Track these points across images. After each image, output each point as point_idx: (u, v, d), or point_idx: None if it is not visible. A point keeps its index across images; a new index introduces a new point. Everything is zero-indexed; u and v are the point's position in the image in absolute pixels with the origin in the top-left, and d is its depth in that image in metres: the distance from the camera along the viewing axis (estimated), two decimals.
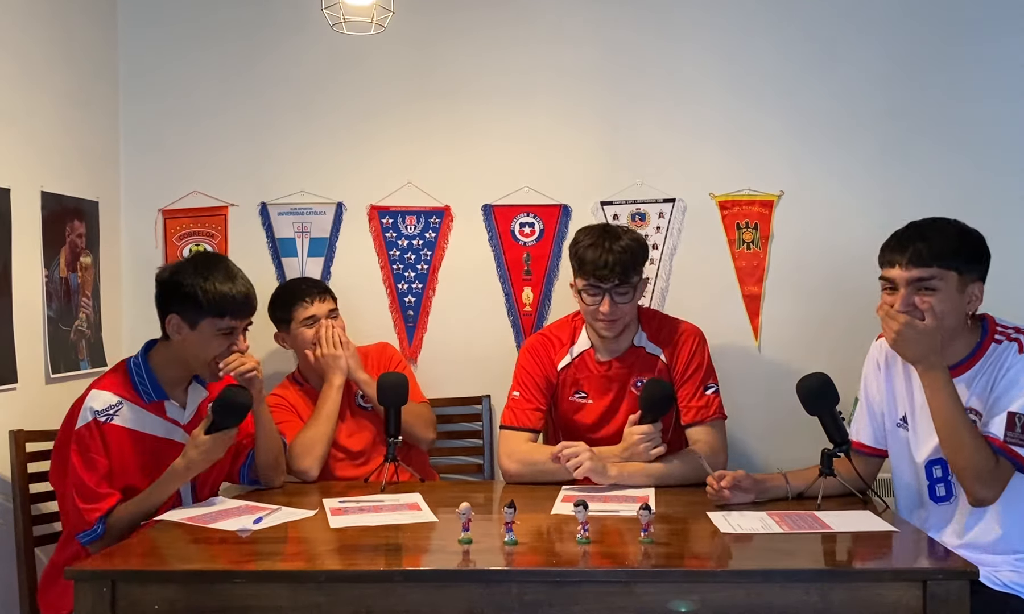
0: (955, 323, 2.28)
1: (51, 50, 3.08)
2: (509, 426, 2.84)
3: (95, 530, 2.38)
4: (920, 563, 2.05)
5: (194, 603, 1.97)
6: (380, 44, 3.29)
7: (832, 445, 2.47)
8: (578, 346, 2.88)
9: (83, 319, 3.18)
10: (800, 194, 3.38)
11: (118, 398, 2.48)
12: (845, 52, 3.36)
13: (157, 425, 2.54)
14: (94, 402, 2.46)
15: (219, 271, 2.52)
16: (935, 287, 2.24)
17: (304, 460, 2.85)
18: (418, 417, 3.03)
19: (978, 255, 2.31)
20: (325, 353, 2.99)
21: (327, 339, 3.00)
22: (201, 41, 3.49)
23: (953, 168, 3.31)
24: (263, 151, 3.49)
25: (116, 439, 2.46)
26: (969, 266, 2.27)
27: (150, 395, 2.54)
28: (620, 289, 2.70)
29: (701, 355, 2.83)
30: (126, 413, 2.48)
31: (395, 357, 3.21)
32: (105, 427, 2.44)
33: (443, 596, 1.96)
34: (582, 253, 2.72)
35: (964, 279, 2.26)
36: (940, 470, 2.34)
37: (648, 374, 2.82)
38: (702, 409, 2.77)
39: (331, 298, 3.11)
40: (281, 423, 2.92)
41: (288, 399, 3.05)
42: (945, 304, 2.24)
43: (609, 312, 2.71)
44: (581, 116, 3.43)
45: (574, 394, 2.88)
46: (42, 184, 2.98)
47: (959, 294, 2.26)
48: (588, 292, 2.73)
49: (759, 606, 1.92)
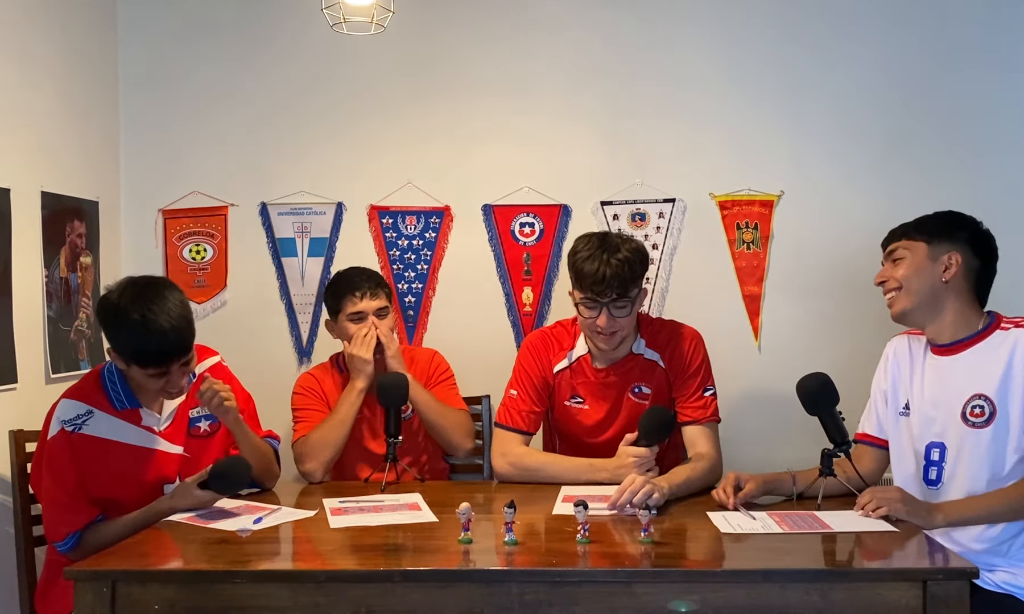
0: (927, 287, 2.40)
1: (51, 50, 3.08)
2: (504, 425, 2.85)
3: (66, 544, 2.38)
4: (920, 563, 2.04)
5: (194, 603, 1.97)
6: (380, 44, 3.29)
7: (832, 445, 2.47)
8: (576, 351, 2.86)
9: (83, 319, 3.18)
10: (800, 194, 3.38)
11: (87, 407, 2.42)
12: (845, 52, 3.36)
13: (131, 433, 2.47)
14: (62, 412, 2.41)
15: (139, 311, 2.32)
16: (901, 256, 2.45)
17: (308, 462, 2.83)
18: (458, 425, 2.97)
19: (948, 227, 2.45)
20: (353, 354, 2.89)
21: (360, 338, 2.90)
22: (201, 41, 3.49)
23: (953, 168, 3.32)
24: (263, 151, 3.49)
25: (86, 449, 2.40)
26: (938, 236, 2.43)
27: (123, 403, 2.47)
28: (618, 303, 2.66)
29: (699, 357, 2.82)
30: (96, 422, 2.42)
31: (441, 366, 3.10)
32: (74, 438, 2.39)
33: (443, 596, 1.96)
34: (580, 265, 2.67)
35: (935, 249, 2.42)
36: (938, 454, 2.39)
37: (646, 380, 2.81)
38: (699, 409, 2.77)
39: (384, 295, 2.99)
40: (302, 410, 2.92)
41: (321, 385, 2.99)
42: (910, 269, 2.43)
43: (607, 326, 2.68)
44: (581, 116, 3.43)
45: (570, 399, 2.87)
46: (42, 184, 2.98)
47: (929, 261, 2.41)
48: (586, 305, 2.69)
49: (759, 606, 1.92)
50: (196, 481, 2.41)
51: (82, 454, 2.40)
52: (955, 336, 2.40)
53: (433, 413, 2.94)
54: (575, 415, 2.86)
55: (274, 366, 3.46)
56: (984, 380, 2.33)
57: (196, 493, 2.40)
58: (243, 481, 2.48)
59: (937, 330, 2.42)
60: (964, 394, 2.34)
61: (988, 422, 2.30)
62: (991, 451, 2.30)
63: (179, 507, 2.41)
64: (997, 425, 2.29)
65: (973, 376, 2.35)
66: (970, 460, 2.32)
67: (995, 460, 2.30)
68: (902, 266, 2.43)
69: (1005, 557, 2.28)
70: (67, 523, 2.38)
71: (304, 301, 3.50)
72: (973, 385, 2.34)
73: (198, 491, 2.40)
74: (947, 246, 2.41)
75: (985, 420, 2.31)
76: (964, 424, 2.33)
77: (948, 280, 2.39)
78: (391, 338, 2.94)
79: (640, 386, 2.80)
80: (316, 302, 3.49)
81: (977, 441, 2.31)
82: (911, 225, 2.48)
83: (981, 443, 2.31)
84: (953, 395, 2.36)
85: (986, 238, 2.45)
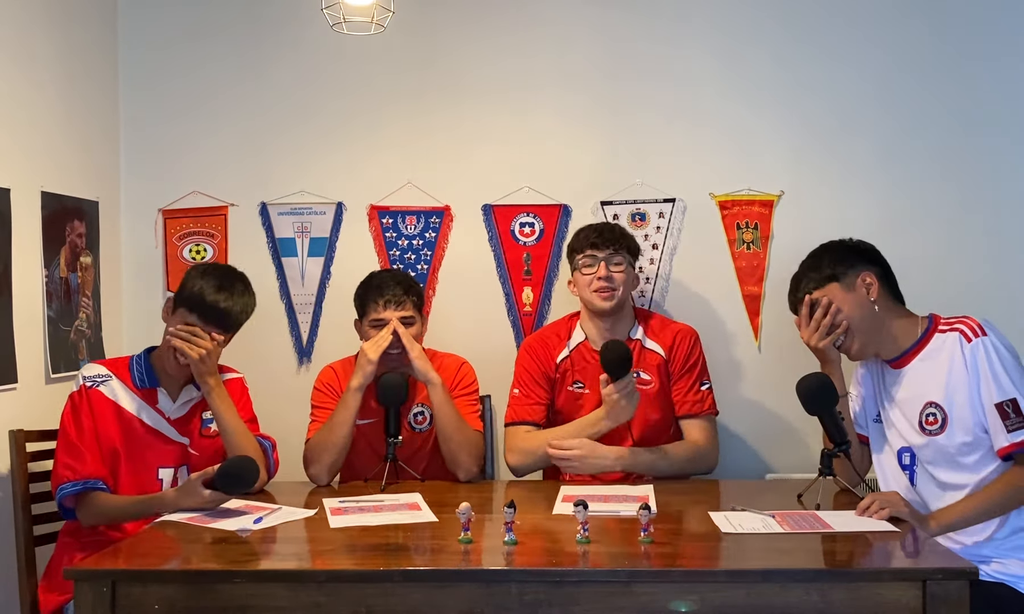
0: (869, 315, 2.45)
1: (52, 50, 3.08)
2: (511, 422, 2.95)
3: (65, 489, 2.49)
4: (920, 563, 2.04)
5: (194, 603, 1.97)
6: (380, 44, 3.29)
7: (832, 445, 2.48)
8: (574, 339, 2.98)
9: (83, 319, 3.18)
10: (800, 194, 3.38)
11: (108, 372, 2.65)
12: (845, 52, 3.35)
13: (144, 410, 2.64)
14: (86, 370, 2.65)
15: (215, 280, 2.64)
16: (829, 303, 2.48)
17: (312, 466, 2.83)
18: (467, 444, 2.85)
19: (837, 258, 2.50)
20: (362, 348, 2.87)
21: (374, 338, 2.86)
22: (201, 41, 3.49)
23: (952, 168, 3.31)
24: (263, 151, 3.49)
25: (100, 405, 2.59)
26: (838, 268, 2.49)
27: (143, 381, 2.66)
28: (615, 259, 2.89)
29: (696, 353, 2.96)
30: (113, 386, 2.63)
31: (467, 379, 3.01)
32: (91, 392, 2.60)
33: (443, 596, 1.96)
34: (579, 233, 2.99)
35: (845, 281, 2.48)
36: (908, 458, 2.45)
37: (646, 368, 2.91)
38: (697, 403, 2.90)
39: (412, 304, 2.92)
40: (316, 409, 2.93)
41: (340, 381, 2.94)
42: (845, 306, 2.46)
43: (605, 276, 2.85)
44: (581, 116, 3.43)
45: (572, 384, 2.95)
46: (42, 184, 2.98)
47: (851, 293, 2.47)
48: (586, 263, 2.90)
49: (759, 606, 1.92)
50: (201, 478, 2.42)
51: (96, 409, 2.58)
52: (902, 348, 2.46)
53: (449, 425, 2.83)
54: (577, 399, 2.94)
55: (274, 366, 3.46)
56: (933, 388, 2.39)
57: (202, 492, 2.41)
58: (250, 482, 2.49)
59: (886, 348, 2.48)
60: (918, 403, 2.41)
61: (942, 429, 2.36)
62: (951, 454, 2.36)
63: (183, 505, 2.42)
64: (951, 430, 2.35)
65: (923, 385, 2.41)
66: (936, 464, 2.39)
67: (958, 461, 2.35)
68: (836, 309, 2.47)
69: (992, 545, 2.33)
70: (72, 469, 2.52)
71: (304, 301, 3.50)
72: (925, 394, 2.40)
73: (203, 490, 2.41)
74: (850, 272, 2.48)
75: (939, 427, 2.37)
76: (922, 433, 2.39)
77: (875, 298, 2.45)
78: (413, 342, 2.86)
79: (640, 371, 2.89)
80: (316, 302, 3.49)
81: (937, 447, 2.37)
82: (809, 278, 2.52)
83: (940, 449, 2.37)
84: (909, 405, 2.43)
85: (861, 246, 2.53)
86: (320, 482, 2.83)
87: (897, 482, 2.48)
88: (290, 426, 3.05)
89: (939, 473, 2.39)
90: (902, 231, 3.24)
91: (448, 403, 2.85)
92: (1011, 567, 2.30)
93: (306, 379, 3.44)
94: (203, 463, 2.58)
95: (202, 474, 2.43)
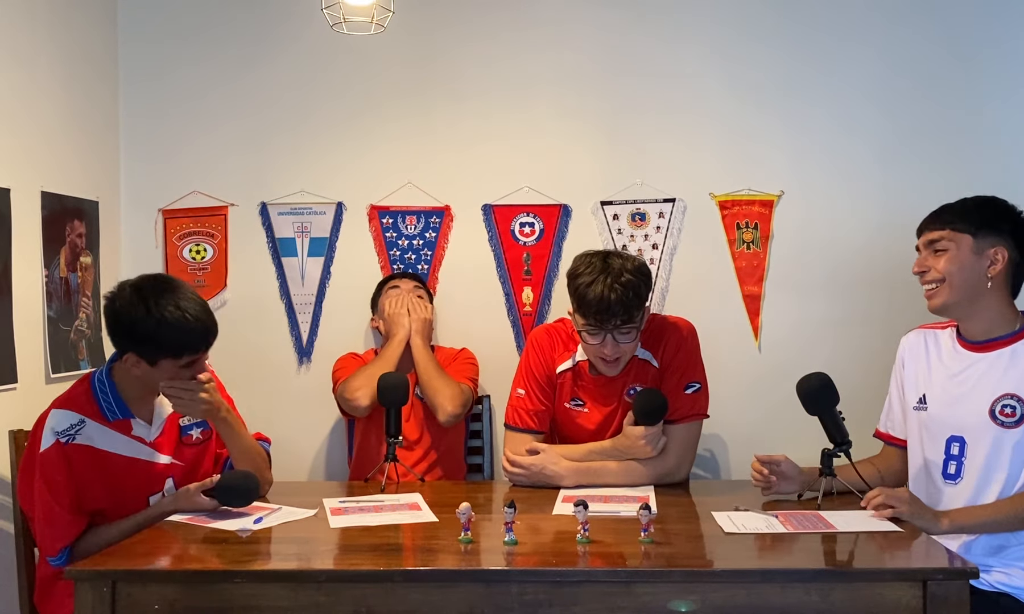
0: (970, 282, 2.34)
1: (52, 50, 3.07)
2: (513, 427, 2.82)
3: (61, 557, 2.36)
4: (920, 563, 2.04)
5: (194, 603, 1.97)
6: (380, 44, 3.29)
7: (832, 445, 2.47)
8: (579, 355, 2.83)
9: (83, 319, 3.18)
10: (800, 194, 3.38)
11: (79, 416, 2.39)
12: (844, 52, 3.36)
13: (121, 444, 2.44)
14: (55, 422, 2.36)
15: (170, 305, 2.33)
16: (945, 247, 2.37)
17: (358, 391, 2.97)
18: (446, 389, 3.05)
19: (994, 218, 2.37)
20: (389, 312, 3.15)
21: (394, 299, 3.18)
22: (201, 41, 3.49)
23: (952, 168, 3.31)
24: (263, 151, 3.49)
25: (80, 459, 2.37)
26: (985, 230, 2.35)
27: (114, 413, 2.44)
28: (623, 329, 2.59)
29: (687, 352, 2.76)
30: (89, 432, 2.39)
31: (466, 353, 3.26)
32: (68, 448, 2.35)
33: (443, 596, 1.96)
34: (582, 291, 2.56)
35: (980, 242, 2.34)
36: (958, 448, 2.37)
37: (641, 381, 2.79)
38: (679, 409, 2.72)
39: (422, 286, 3.31)
40: (343, 370, 3.12)
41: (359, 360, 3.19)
42: (954, 264, 2.34)
43: (611, 353, 2.63)
44: (581, 116, 3.43)
45: (571, 401, 2.85)
46: (42, 184, 2.98)
47: (974, 255, 2.34)
48: (589, 332, 2.62)
49: (759, 606, 1.92)
50: (200, 488, 2.40)
51: (77, 465, 2.36)
52: (989, 333, 2.37)
53: (428, 374, 3.07)
54: (575, 418, 2.85)
55: (274, 366, 3.46)
56: (1017, 381, 2.30)
57: (199, 499, 2.39)
58: (251, 496, 2.46)
59: (973, 325, 2.39)
60: (995, 392, 2.32)
61: (1019, 423, 2.29)
62: (1017, 452, 2.29)
63: (181, 510, 2.41)
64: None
65: (1007, 375, 2.32)
66: (991, 458, 2.31)
67: (1017, 461, 2.29)
68: (945, 258, 2.36)
69: (998, 557, 2.29)
70: (62, 537, 2.35)
71: (304, 301, 3.50)
72: (1006, 384, 2.31)
73: (203, 499, 2.39)
74: (993, 239, 2.34)
75: (1016, 421, 2.29)
76: (993, 422, 2.31)
77: (993, 276, 2.34)
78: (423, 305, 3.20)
79: (635, 387, 2.79)
80: (316, 302, 3.49)
81: (1004, 440, 2.30)
82: (955, 213, 2.38)
83: (1008, 443, 2.29)
84: (982, 391, 2.34)
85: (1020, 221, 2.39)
86: (361, 404, 2.96)
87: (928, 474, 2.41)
88: (290, 426, 3.05)
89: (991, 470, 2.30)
90: (902, 231, 3.23)
91: (427, 357, 3.10)
92: (1016, 579, 2.26)
93: (306, 379, 3.45)
94: (196, 473, 2.54)
95: (201, 485, 2.41)
